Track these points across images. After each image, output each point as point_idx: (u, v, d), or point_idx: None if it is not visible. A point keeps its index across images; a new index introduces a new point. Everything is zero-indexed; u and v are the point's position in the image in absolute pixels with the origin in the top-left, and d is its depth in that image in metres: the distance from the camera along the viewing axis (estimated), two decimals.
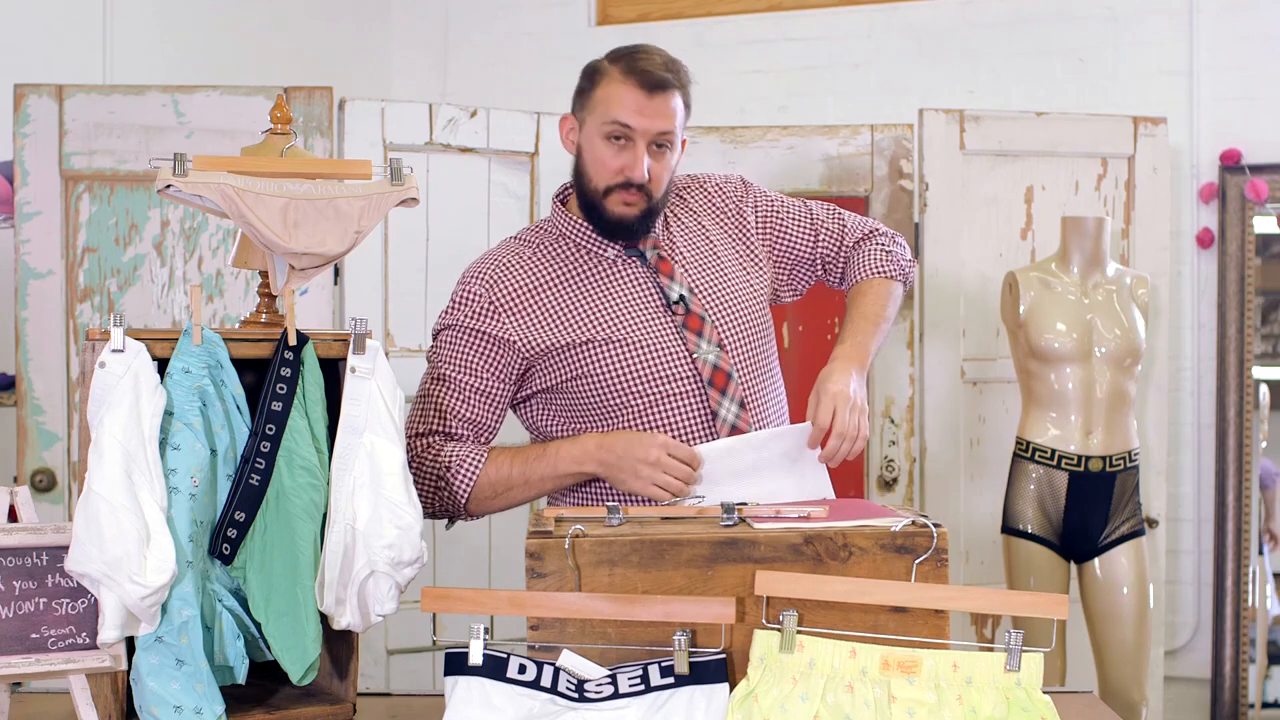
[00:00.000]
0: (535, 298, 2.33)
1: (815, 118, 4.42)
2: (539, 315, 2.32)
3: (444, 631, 3.04)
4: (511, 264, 2.36)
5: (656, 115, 2.27)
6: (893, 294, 2.49)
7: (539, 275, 2.35)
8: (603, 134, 2.29)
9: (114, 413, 1.79)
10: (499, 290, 2.32)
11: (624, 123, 2.27)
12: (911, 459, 3.78)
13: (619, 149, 2.29)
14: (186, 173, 1.96)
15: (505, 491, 2.29)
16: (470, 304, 2.32)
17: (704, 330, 2.33)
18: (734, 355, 2.34)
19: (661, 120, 2.28)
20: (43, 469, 3.45)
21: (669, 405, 2.30)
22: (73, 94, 3.44)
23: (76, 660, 1.84)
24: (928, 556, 1.79)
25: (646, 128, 2.27)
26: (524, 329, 2.31)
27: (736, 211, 2.50)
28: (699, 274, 2.39)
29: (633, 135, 2.27)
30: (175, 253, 3.49)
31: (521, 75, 4.90)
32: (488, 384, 2.30)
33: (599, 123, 2.29)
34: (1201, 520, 4.34)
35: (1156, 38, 4.39)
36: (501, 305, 2.31)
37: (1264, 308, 4.32)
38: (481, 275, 2.34)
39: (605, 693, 1.73)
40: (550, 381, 2.33)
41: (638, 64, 2.28)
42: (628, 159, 2.28)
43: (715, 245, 2.44)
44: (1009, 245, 3.85)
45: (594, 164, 2.31)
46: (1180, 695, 4.27)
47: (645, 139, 2.28)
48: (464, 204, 3.73)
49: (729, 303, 2.38)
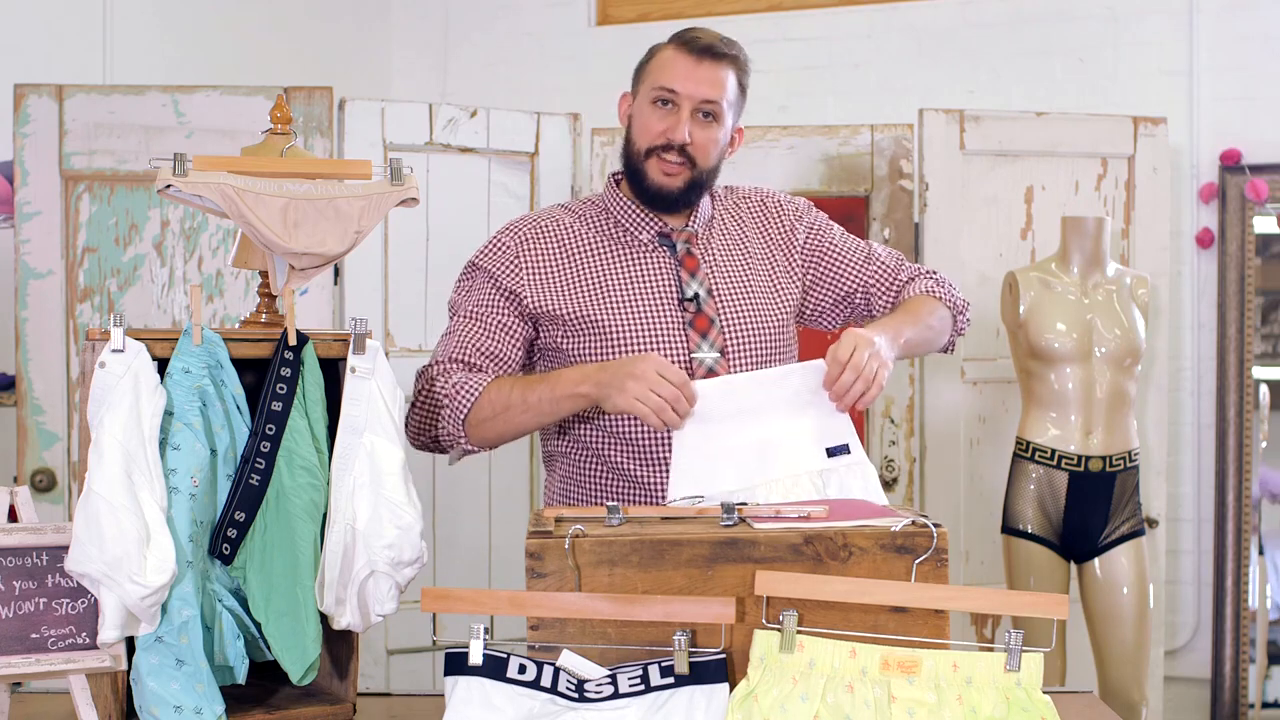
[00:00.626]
0: (556, 263, 2.36)
1: (815, 118, 4.42)
2: (554, 281, 2.35)
3: (444, 631, 3.04)
4: (548, 227, 2.40)
5: (702, 81, 2.31)
6: (940, 313, 2.45)
7: (569, 243, 2.38)
8: (650, 99, 2.33)
9: (114, 413, 1.79)
10: (527, 247, 2.37)
11: (669, 87, 2.31)
12: (911, 459, 3.78)
13: (664, 114, 2.32)
14: (186, 173, 1.96)
15: (504, 412, 2.24)
16: (498, 252, 2.38)
17: (709, 332, 2.33)
18: (734, 363, 2.34)
19: (707, 87, 2.31)
20: (43, 469, 3.45)
21: None
22: (73, 94, 3.44)
23: (76, 660, 1.84)
24: (928, 556, 1.79)
25: (692, 92, 2.30)
26: (536, 290, 2.34)
27: (789, 229, 2.49)
28: (723, 278, 2.39)
29: (678, 100, 2.31)
30: (175, 253, 3.49)
31: (521, 75, 4.90)
32: (506, 320, 2.34)
33: (648, 89, 2.34)
34: (1201, 520, 4.34)
35: (1156, 38, 4.40)
36: (524, 262, 2.36)
37: (1264, 308, 4.32)
38: (517, 230, 2.40)
39: (605, 693, 1.73)
40: (550, 343, 2.37)
41: (690, 34, 2.34)
42: (671, 121, 2.32)
43: (751, 256, 2.44)
44: (1009, 245, 3.85)
45: (639, 128, 2.36)
46: (1180, 695, 4.27)
47: (690, 104, 2.31)
48: (464, 204, 3.73)
49: (744, 312, 2.37)
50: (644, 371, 2.10)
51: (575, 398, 2.22)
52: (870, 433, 3.80)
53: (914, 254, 3.78)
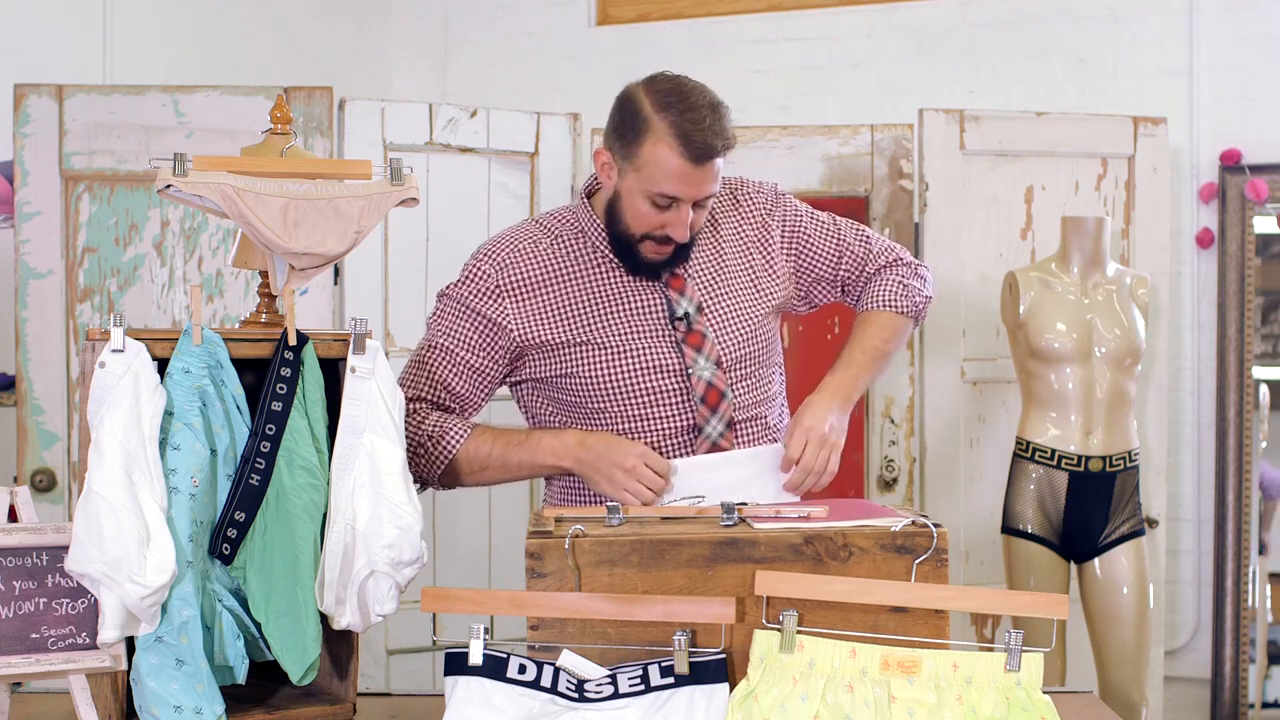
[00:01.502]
0: (540, 289, 2.33)
1: (815, 118, 4.42)
2: (540, 308, 2.32)
3: (444, 631, 3.04)
4: (525, 250, 2.36)
5: (703, 181, 2.24)
6: (899, 330, 2.48)
7: (549, 267, 2.35)
8: (646, 196, 2.25)
9: (114, 413, 1.79)
10: (506, 275, 2.33)
11: (672, 195, 2.23)
12: (911, 459, 3.78)
13: (662, 209, 2.26)
14: (186, 173, 1.96)
15: (481, 470, 2.30)
16: (476, 282, 2.33)
17: (704, 347, 2.33)
18: (731, 374, 2.34)
19: (707, 185, 2.25)
20: (43, 469, 3.45)
21: (654, 415, 2.31)
22: (73, 94, 3.44)
23: (76, 660, 1.84)
24: (928, 556, 1.79)
25: (693, 195, 2.25)
26: (522, 318, 2.31)
27: (762, 224, 2.47)
28: (708, 291, 2.37)
29: (678, 204, 2.25)
30: (175, 253, 3.49)
31: (521, 75, 4.90)
32: (479, 361, 2.32)
33: (644, 185, 2.24)
34: (1201, 520, 4.34)
35: (1156, 38, 4.39)
36: (505, 290, 2.32)
37: (1264, 308, 4.32)
38: (494, 256, 2.35)
39: (605, 693, 1.73)
40: (541, 373, 2.35)
41: (686, 126, 2.20)
42: (670, 218, 2.26)
43: (727, 258, 2.42)
44: (1009, 245, 3.85)
45: (633, 215, 2.28)
46: (1180, 695, 4.27)
47: (690, 202, 2.26)
48: (464, 204, 3.73)
49: (732, 322, 2.37)
50: (634, 466, 2.21)
51: (556, 469, 2.30)
52: (870, 432, 3.80)
53: (914, 254, 3.77)
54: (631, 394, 2.30)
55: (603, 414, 2.31)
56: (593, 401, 2.31)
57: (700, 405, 2.30)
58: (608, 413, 2.31)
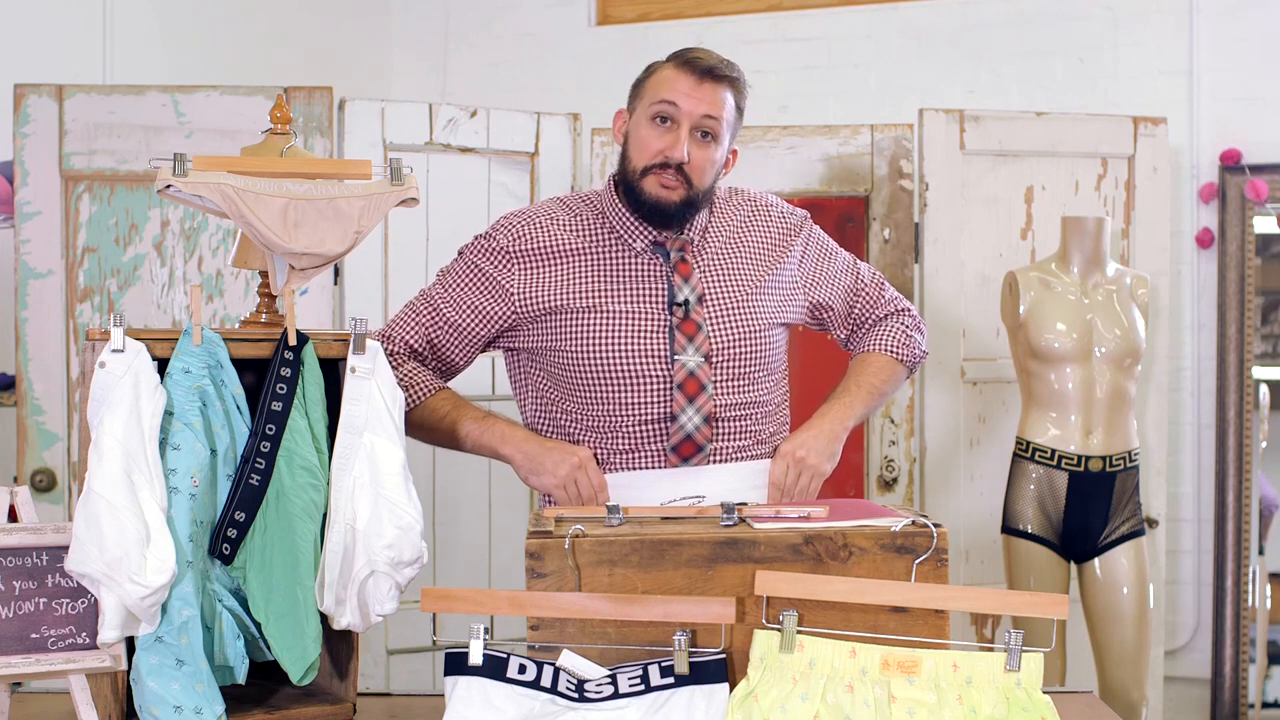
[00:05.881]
0: (550, 259, 2.37)
1: (815, 118, 4.42)
2: (545, 275, 2.36)
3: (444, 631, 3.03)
4: (544, 223, 2.41)
5: (703, 99, 2.31)
6: (896, 376, 2.55)
7: (563, 240, 2.39)
8: (649, 115, 2.33)
9: (114, 413, 1.79)
10: (521, 242, 2.38)
11: (670, 100, 2.31)
12: (911, 459, 3.78)
13: (663, 131, 2.32)
14: (186, 173, 1.96)
15: (432, 428, 2.35)
16: (490, 244, 2.39)
17: (696, 337, 2.34)
18: (718, 371, 2.34)
19: (707, 105, 2.31)
20: (43, 469, 3.45)
21: (634, 393, 2.32)
22: (73, 94, 3.44)
23: (76, 660, 1.84)
24: (928, 556, 1.79)
25: (692, 109, 2.30)
26: (525, 284, 2.35)
27: (783, 243, 2.49)
28: (714, 286, 2.39)
29: (678, 117, 2.31)
30: (175, 253, 3.49)
31: (521, 75, 4.90)
32: (469, 322, 2.37)
33: (647, 105, 2.34)
34: (1201, 520, 4.34)
35: (1156, 38, 4.40)
36: (516, 256, 2.37)
37: (1264, 308, 4.33)
38: (512, 224, 2.41)
39: (605, 693, 1.73)
40: (534, 343, 2.38)
41: (691, 54, 2.34)
42: (669, 140, 2.32)
43: (744, 266, 2.44)
44: (1009, 245, 3.85)
45: (636, 146, 2.36)
46: (1180, 695, 4.27)
47: (689, 122, 2.31)
48: (464, 204, 3.73)
49: (731, 321, 2.37)
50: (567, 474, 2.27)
51: (497, 455, 2.35)
52: (870, 432, 3.80)
53: (914, 254, 3.78)
54: (615, 366, 2.32)
55: (587, 389, 2.33)
56: (578, 374, 2.33)
57: (677, 391, 2.31)
58: (592, 387, 2.33)
